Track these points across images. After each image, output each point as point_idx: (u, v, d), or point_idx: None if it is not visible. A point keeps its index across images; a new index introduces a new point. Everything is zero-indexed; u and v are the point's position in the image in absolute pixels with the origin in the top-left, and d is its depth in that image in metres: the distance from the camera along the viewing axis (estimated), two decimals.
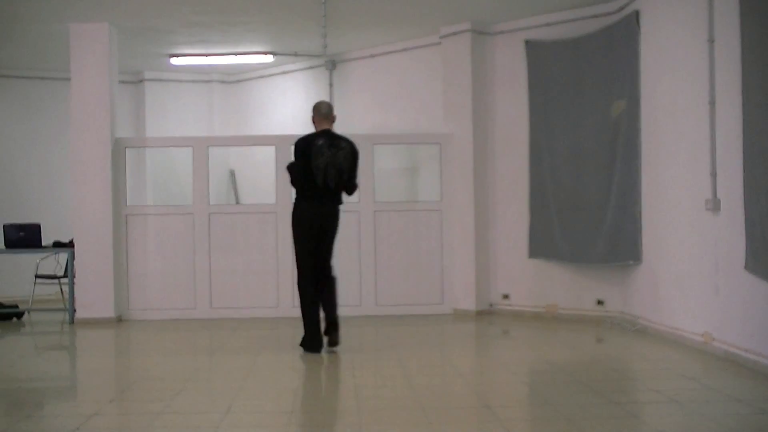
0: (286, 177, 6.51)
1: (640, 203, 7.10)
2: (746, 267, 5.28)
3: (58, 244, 8.65)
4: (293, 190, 6.46)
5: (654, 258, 6.89)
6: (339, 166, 6.28)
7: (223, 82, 11.12)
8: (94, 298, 8.17)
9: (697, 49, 6.00)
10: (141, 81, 10.89)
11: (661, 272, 6.74)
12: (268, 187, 8.67)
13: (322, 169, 6.23)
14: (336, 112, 6.56)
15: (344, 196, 6.48)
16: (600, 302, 7.81)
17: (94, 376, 5.63)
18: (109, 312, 8.19)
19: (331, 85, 9.97)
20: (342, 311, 8.23)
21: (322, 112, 6.46)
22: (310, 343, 6.25)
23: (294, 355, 6.21)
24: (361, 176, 8.36)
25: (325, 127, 6.43)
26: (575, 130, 7.75)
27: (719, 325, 5.76)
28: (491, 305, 8.48)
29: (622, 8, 7.42)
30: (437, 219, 8.51)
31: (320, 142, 6.29)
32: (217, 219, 8.42)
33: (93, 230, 8.18)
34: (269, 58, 9.93)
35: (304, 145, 6.31)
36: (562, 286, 8.05)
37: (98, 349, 7.03)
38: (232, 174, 11.04)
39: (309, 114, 6.43)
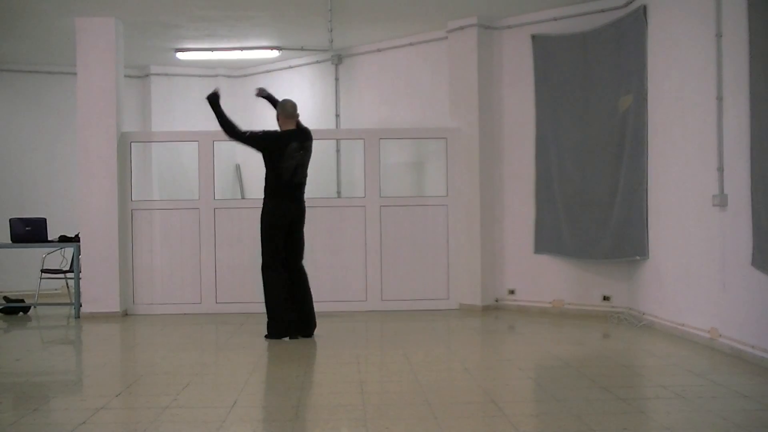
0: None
1: (647, 198, 7.08)
2: (753, 263, 5.26)
3: (64, 239, 8.67)
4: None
5: (661, 253, 6.87)
6: (305, 165, 6.62)
7: (229, 76, 11.10)
8: (99, 292, 8.19)
9: (705, 43, 5.98)
10: (147, 75, 10.89)
11: (668, 268, 6.73)
12: None
13: (291, 171, 6.50)
14: (342, 106, 6.60)
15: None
16: (606, 298, 7.80)
17: (101, 371, 5.64)
18: (115, 306, 8.21)
19: (337, 79, 9.96)
20: (347, 306, 8.34)
21: (288, 112, 6.66)
22: (279, 329, 6.55)
23: (299, 350, 6.22)
24: (368, 171, 8.45)
25: (290, 126, 6.64)
26: (582, 125, 7.73)
27: (726, 321, 5.74)
28: (497, 300, 8.47)
29: (629, 2, 7.39)
30: (443, 214, 8.50)
31: (294, 144, 6.52)
32: (223, 213, 8.42)
33: (99, 225, 8.20)
34: (275, 53, 9.92)
35: (277, 142, 6.52)
36: (568, 282, 8.04)
37: (104, 343, 7.04)
38: (238, 168, 11.03)
39: (315, 109, 6.43)
